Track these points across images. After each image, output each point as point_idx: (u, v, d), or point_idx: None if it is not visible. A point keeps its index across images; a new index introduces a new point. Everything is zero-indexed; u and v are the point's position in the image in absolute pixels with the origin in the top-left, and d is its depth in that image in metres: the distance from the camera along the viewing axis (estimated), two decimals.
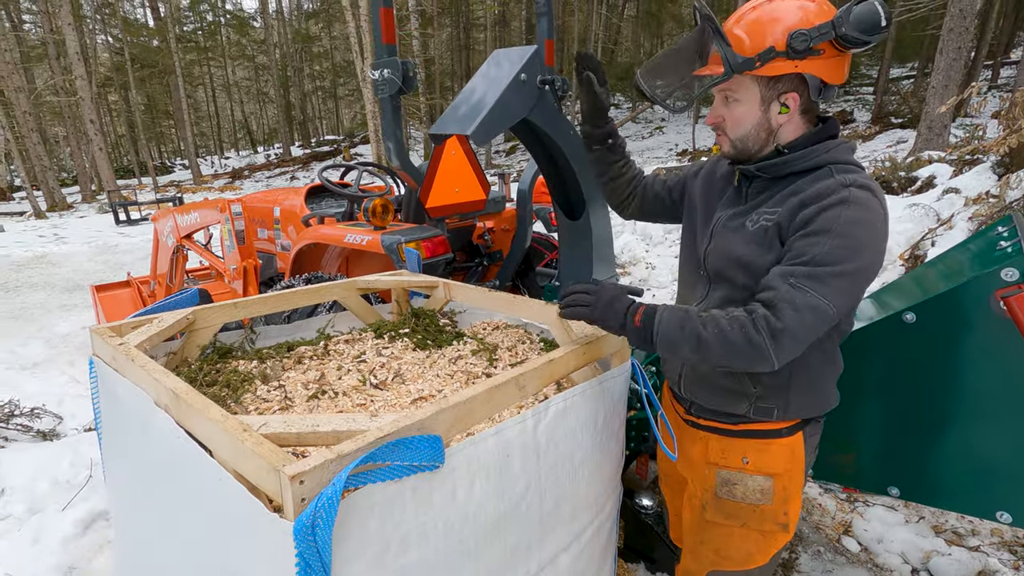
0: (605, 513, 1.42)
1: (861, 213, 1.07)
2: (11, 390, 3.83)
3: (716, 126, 1.24)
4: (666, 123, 24.26)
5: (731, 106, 1.20)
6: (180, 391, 0.99)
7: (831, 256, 1.05)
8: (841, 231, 1.05)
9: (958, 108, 11.39)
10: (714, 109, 1.24)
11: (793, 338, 1.05)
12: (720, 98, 1.22)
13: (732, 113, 1.20)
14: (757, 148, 1.22)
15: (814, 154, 1.17)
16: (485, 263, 3.79)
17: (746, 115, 1.19)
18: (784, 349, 1.06)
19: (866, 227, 1.07)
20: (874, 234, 1.08)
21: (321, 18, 33.81)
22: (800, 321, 1.04)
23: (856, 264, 1.06)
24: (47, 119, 26.86)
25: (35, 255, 8.89)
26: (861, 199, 1.08)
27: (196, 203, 3.96)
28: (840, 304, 1.06)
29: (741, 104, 1.19)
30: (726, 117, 1.22)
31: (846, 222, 1.06)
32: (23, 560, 2.21)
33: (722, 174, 1.38)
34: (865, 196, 1.09)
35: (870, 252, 1.07)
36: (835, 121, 1.23)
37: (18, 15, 24.34)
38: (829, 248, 1.05)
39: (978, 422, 1.44)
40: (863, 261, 1.06)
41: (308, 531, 0.72)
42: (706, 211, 1.37)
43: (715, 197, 1.36)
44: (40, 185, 18.34)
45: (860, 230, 1.06)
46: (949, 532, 2.31)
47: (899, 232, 5.18)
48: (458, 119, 1.55)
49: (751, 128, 1.20)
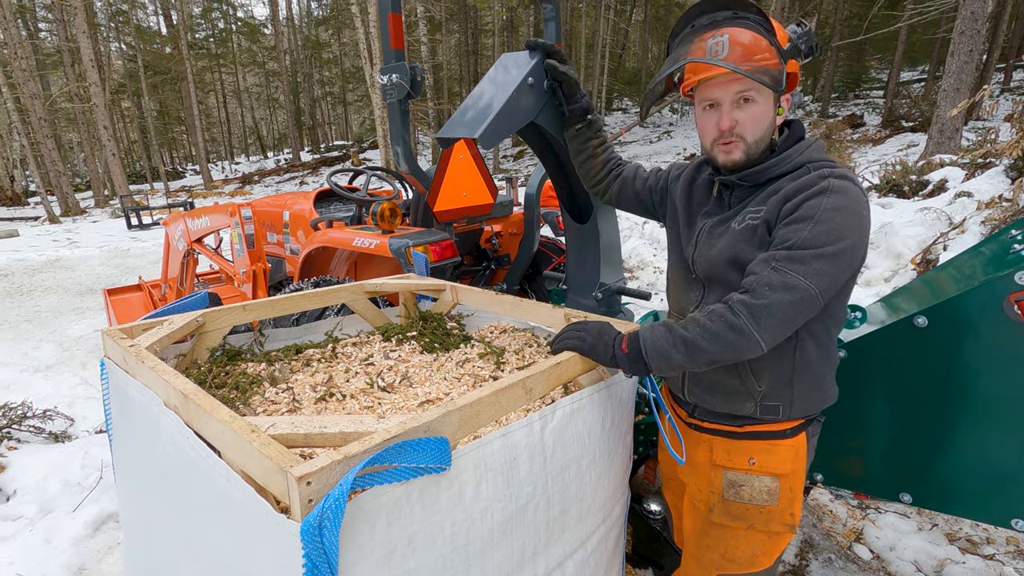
0: (613, 518, 1.41)
1: (842, 200, 1.09)
2: (24, 392, 3.88)
3: (729, 132, 1.20)
4: (674, 127, 24.21)
5: (748, 107, 1.18)
6: (189, 392, 1.00)
7: (812, 240, 1.07)
8: (822, 217, 1.08)
9: (970, 111, 11.29)
10: (727, 112, 1.19)
11: (772, 315, 1.06)
12: (731, 101, 1.19)
13: (750, 113, 1.19)
14: (761, 151, 1.23)
15: (791, 156, 1.20)
16: (493, 267, 3.79)
17: (764, 115, 1.19)
18: (766, 328, 1.07)
19: (847, 213, 1.09)
20: (855, 219, 1.10)
21: (331, 24, 34.15)
22: (778, 299, 1.06)
23: (837, 247, 1.07)
24: (62, 125, 27.28)
25: (49, 259, 9.01)
26: (841, 188, 1.11)
27: (206, 207, 3.99)
28: (821, 286, 1.07)
29: (758, 104, 1.18)
30: (743, 120, 1.19)
31: (827, 208, 1.08)
32: (34, 560, 2.23)
33: (701, 182, 1.39)
34: (845, 185, 1.12)
35: (852, 236, 1.09)
36: (800, 123, 1.27)
37: (34, 23, 24.80)
38: (810, 233, 1.08)
39: (992, 427, 1.42)
40: (844, 244, 1.08)
41: (315, 532, 0.72)
42: (688, 218, 1.38)
43: (696, 206, 1.38)
44: (54, 190, 18.61)
45: (841, 216, 1.08)
46: (963, 540, 2.27)
47: (911, 236, 5.13)
48: (465, 123, 1.56)
49: (767, 129, 1.21)
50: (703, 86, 1.23)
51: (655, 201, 1.53)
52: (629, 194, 1.57)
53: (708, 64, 1.17)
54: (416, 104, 20.71)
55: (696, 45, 1.19)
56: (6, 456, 2.88)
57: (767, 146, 1.23)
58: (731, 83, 1.18)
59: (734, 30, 1.14)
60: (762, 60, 1.13)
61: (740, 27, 1.15)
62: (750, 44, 1.13)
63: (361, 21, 16.40)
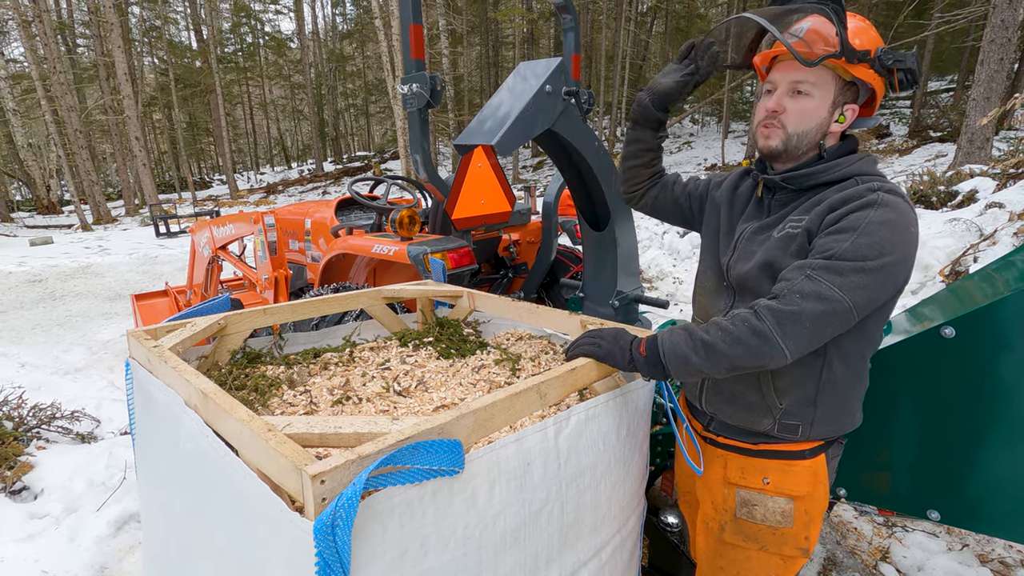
0: (628, 528, 1.39)
1: (889, 215, 1.05)
2: (53, 394, 3.99)
3: (773, 116, 1.19)
4: (695, 137, 24.09)
5: (799, 99, 1.17)
6: (209, 391, 1.02)
7: (853, 252, 1.03)
8: (867, 230, 1.04)
9: (1001, 121, 11.01)
10: (778, 97, 1.18)
11: (798, 323, 1.02)
12: (785, 88, 1.18)
13: (800, 106, 1.17)
14: (804, 150, 1.20)
15: (840, 166, 1.17)
16: (511, 275, 3.80)
17: (815, 111, 1.17)
18: (791, 335, 1.02)
19: (893, 229, 1.04)
20: (902, 236, 1.05)
21: (355, 38, 34.87)
22: (808, 308, 1.02)
23: (879, 262, 1.03)
24: (96, 137, 28.26)
25: (80, 266, 9.28)
26: (890, 202, 1.06)
27: (231, 215, 4.08)
28: (856, 300, 1.02)
29: (812, 99, 1.16)
30: (790, 109, 1.18)
31: (872, 222, 1.04)
32: (58, 558, 2.28)
33: (743, 190, 1.37)
34: (894, 200, 1.07)
35: (896, 253, 1.04)
36: (854, 137, 1.24)
37: (72, 39, 25.77)
38: (851, 245, 1.03)
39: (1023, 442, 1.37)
40: (887, 260, 1.03)
41: (328, 531, 0.73)
42: (728, 224, 1.35)
43: (737, 212, 1.35)
44: (87, 199, 19.22)
45: (887, 231, 1.04)
46: (995, 562, 2.18)
47: (939, 247, 5.00)
48: (483, 130, 1.57)
49: (814, 126, 1.18)
50: (772, 69, 1.22)
51: (694, 208, 1.49)
52: (667, 200, 1.53)
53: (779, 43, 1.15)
54: (437, 115, 20.97)
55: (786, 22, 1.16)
56: (35, 456, 2.96)
57: (813, 149, 1.20)
58: (792, 70, 1.16)
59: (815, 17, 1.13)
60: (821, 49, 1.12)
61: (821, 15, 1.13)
62: (825, 32, 1.12)
63: (384, 35, 16.72)
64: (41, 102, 18.50)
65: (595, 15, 24.58)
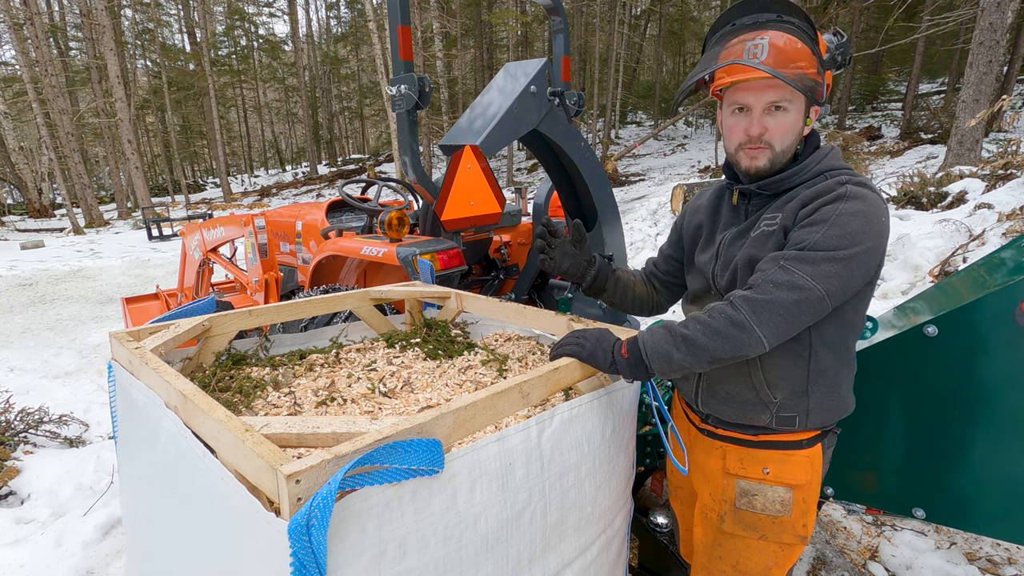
0: (614, 528, 1.38)
1: (859, 206, 1.08)
2: (42, 398, 3.96)
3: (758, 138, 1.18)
4: (688, 140, 24.18)
5: (778, 115, 1.17)
6: (188, 392, 1.01)
7: (824, 242, 1.06)
8: (838, 221, 1.07)
9: (990, 122, 11.10)
10: (759, 119, 1.17)
11: (773, 311, 1.04)
12: (762, 109, 1.17)
13: (780, 122, 1.17)
14: (786, 160, 1.22)
15: (809, 166, 1.20)
16: (501, 276, 3.80)
17: (794, 125, 1.18)
18: (766, 323, 1.05)
19: (863, 219, 1.08)
20: (872, 226, 1.08)
21: (349, 41, 34.88)
22: (781, 297, 1.05)
23: (850, 251, 1.06)
24: (88, 140, 28.10)
25: (72, 269, 9.22)
26: (859, 194, 1.10)
27: (222, 218, 4.07)
28: (828, 288, 1.05)
29: (790, 114, 1.17)
30: (772, 127, 1.18)
31: (843, 213, 1.07)
32: (44, 563, 2.26)
33: (713, 203, 1.39)
34: (863, 192, 1.10)
35: (867, 242, 1.07)
36: (815, 132, 1.27)
37: (65, 42, 25.65)
38: (823, 236, 1.07)
39: (1008, 441, 1.37)
40: (858, 249, 1.06)
41: (303, 531, 0.72)
42: (708, 237, 1.38)
43: (715, 224, 1.37)
44: (79, 202, 19.11)
45: (857, 221, 1.07)
46: (983, 560, 2.19)
47: (929, 248, 5.04)
48: (468, 130, 1.57)
49: (794, 139, 1.20)
50: (735, 89, 1.19)
51: (679, 257, 1.53)
52: (669, 278, 1.56)
53: (745, 66, 1.12)
54: (431, 117, 20.97)
55: (734, 46, 1.14)
56: (22, 460, 2.93)
57: (790, 155, 1.22)
58: (765, 90, 1.15)
59: (775, 33, 1.11)
60: (801, 68, 1.10)
61: (782, 31, 1.11)
62: (790, 49, 1.10)
63: (378, 38, 16.73)
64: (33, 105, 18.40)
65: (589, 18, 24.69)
